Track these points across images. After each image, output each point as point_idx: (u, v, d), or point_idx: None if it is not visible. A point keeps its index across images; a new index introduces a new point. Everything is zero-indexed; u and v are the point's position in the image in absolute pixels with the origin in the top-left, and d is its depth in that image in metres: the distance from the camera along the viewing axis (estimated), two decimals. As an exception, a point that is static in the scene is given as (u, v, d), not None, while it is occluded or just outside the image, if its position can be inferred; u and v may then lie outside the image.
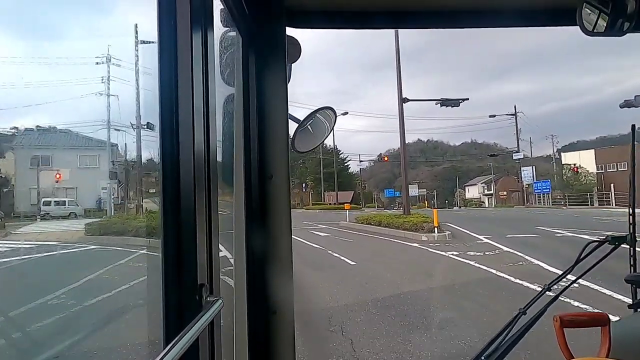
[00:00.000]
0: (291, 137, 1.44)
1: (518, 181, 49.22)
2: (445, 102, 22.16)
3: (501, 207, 49.47)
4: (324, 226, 22.43)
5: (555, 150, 56.21)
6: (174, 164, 0.76)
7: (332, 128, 1.59)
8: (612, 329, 1.38)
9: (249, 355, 1.32)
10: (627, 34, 1.36)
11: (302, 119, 1.47)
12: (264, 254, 1.35)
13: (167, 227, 0.77)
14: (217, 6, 1.06)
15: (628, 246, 1.63)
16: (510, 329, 1.27)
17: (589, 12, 1.37)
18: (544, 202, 43.18)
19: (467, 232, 16.33)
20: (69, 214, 17.22)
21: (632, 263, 1.70)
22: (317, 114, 1.51)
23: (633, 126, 1.82)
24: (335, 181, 54.14)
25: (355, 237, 17.02)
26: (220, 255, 0.94)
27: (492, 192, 66.01)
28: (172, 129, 0.76)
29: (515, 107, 50.05)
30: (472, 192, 74.57)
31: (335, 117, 1.57)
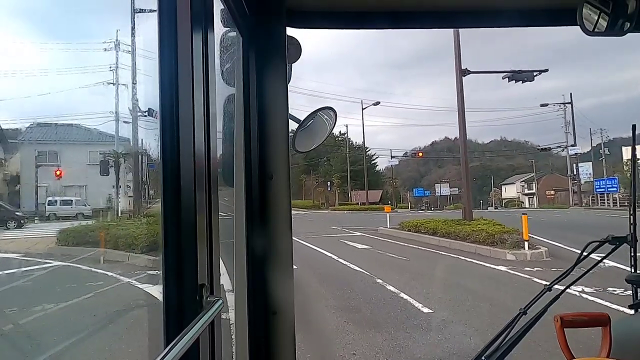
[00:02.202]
0: (292, 137, 1.44)
1: (573, 179, 44.16)
2: (515, 76, 16.89)
3: (551, 207, 43.59)
4: (358, 233, 17.81)
5: (603, 146, 50.83)
6: (175, 164, 0.76)
7: (333, 128, 1.59)
8: (613, 329, 1.38)
9: (249, 355, 1.32)
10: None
11: (302, 119, 1.47)
12: (264, 254, 1.35)
13: (167, 227, 0.77)
14: (218, 6, 1.06)
15: (629, 246, 1.63)
16: (511, 329, 1.27)
17: (590, 12, 1.37)
18: (608, 203, 38.36)
19: (567, 247, 11.60)
20: (75, 214, 16.04)
21: (632, 263, 1.70)
22: (317, 114, 1.51)
23: (634, 126, 1.82)
24: (365, 179, 50.88)
25: (407, 253, 12.33)
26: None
27: (533, 191, 61.00)
28: (173, 129, 0.76)
29: (570, 94, 45.75)
30: (510, 191, 69.07)
31: (336, 117, 1.57)
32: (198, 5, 0.84)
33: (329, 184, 60.17)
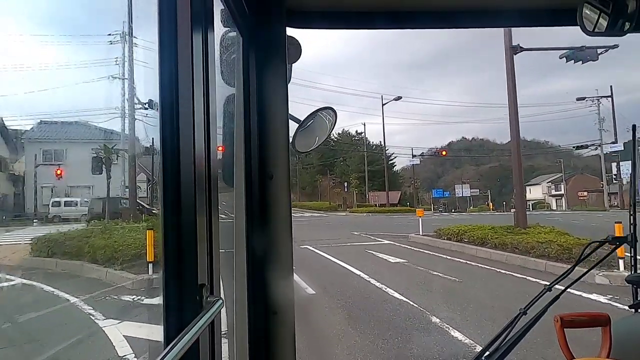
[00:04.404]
0: (291, 137, 1.44)
1: (614, 179, 40.85)
2: (576, 54, 13.99)
3: (585, 210, 40.06)
4: (386, 241, 15.30)
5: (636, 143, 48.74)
6: (175, 164, 0.76)
7: (333, 128, 1.60)
8: (613, 329, 1.39)
9: (249, 355, 1.32)
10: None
11: (302, 119, 1.48)
12: (264, 254, 1.35)
13: (167, 228, 0.77)
14: (218, 6, 1.06)
15: (629, 246, 1.63)
16: (511, 329, 1.27)
17: (590, 12, 1.37)
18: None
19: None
20: (80, 216, 15.36)
21: (632, 263, 1.70)
22: (317, 114, 1.51)
23: (634, 126, 1.82)
24: (386, 179, 48.89)
25: (454, 270, 9.66)
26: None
27: (561, 192, 57.88)
28: (173, 129, 0.77)
29: (611, 87, 41.93)
30: (535, 192, 64.15)
31: (336, 117, 1.57)
32: (198, 5, 0.84)
33: (345, 185, 58.29)
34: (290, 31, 1.43)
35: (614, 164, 41.12)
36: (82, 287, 7.64)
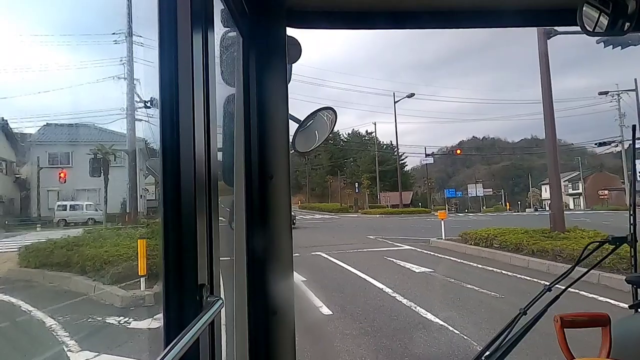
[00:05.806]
0: (291, 137, 1.44)
1: None
2: (615, 39, 11.13)
3: (609, 210, 37.83)
4: (405, 246, 13.99)
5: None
6: (175, 164, 0.76)
7: (332, 128, 1.60)
8: (613, 329, 1.39)
9: (249, 355, 1.32)
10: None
11: (302, 119, 1.48)
12: (264, 254, 1.36)
13: (167, 228, 0.77)
14: (218, 6, 1.06)
15: (629, 246, 1.63)
16: (511, 329, 1.27)
17: (590, 11, 1.37)
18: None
19: None
20: (86, 219, 15.20)
21: (632, 263, 1.70)
22: (317, 114, 1.51)
23: (634, 126, 1.83)
24: (398, 179, 47.26)
25: (490, 282, 8.48)
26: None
27: (579, 191, 55.45)
28: (173, 129, 0.77)
29: (635, 80, 37.58)
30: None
31: (336, 117, 1.57)
32: (198, 5, 0.84)
33: (356, 185, 57.32)
34: (290, 31, 1.43)
35: (638, 161, 40.80)
36: (63, 304, 6.72)
